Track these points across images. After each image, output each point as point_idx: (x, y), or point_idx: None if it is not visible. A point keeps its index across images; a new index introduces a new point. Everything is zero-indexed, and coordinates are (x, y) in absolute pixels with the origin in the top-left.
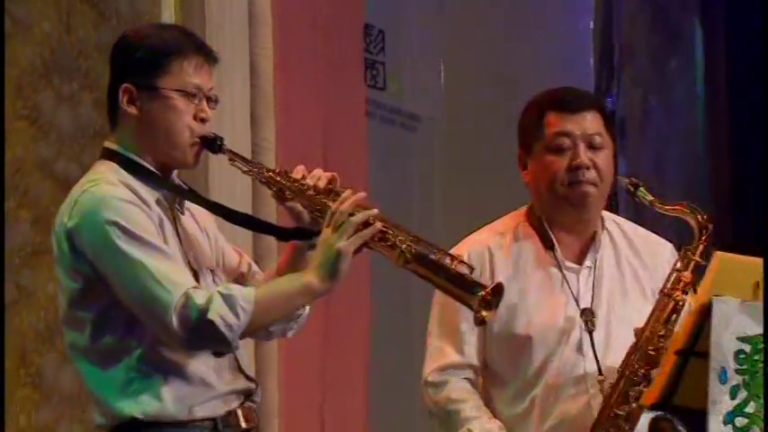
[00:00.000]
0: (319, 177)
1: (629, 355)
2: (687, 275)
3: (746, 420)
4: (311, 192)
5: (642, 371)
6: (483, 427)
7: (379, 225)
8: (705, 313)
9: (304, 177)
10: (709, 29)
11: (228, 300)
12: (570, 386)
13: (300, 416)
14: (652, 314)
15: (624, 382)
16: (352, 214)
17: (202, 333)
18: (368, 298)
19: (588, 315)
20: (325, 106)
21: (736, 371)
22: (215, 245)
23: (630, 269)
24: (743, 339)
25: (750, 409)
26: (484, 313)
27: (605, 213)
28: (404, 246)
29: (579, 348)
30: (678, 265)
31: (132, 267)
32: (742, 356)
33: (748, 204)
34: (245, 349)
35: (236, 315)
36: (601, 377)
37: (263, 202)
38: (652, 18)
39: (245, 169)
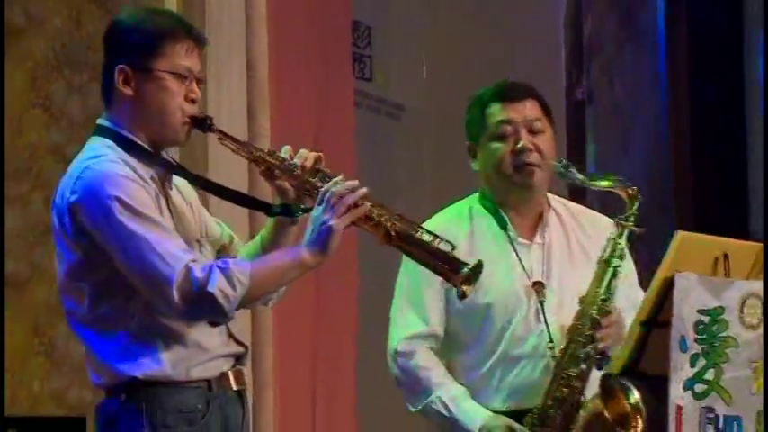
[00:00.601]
0: (306, 157)
1: (575, 319)
2: (622, 243)
3: (705, 386)
4: (298, 171)
5: (588, 333)
6: (449, 393)
7: (367, 205)
8: (667, 287)
9: (291, 157)
10: (670, 22)
11: (226, 273)
12: (527, 352)
13: (293, 383)
14: (593, 281)
15: (573, 344)
16: (342, 194)
17: (202, 305)
18: (356, 274)
19: (539, 287)
20: (317, 96)
21: (696, 340)
22: (199, 218)
23: (577, 242)
24: (702, 311)
25: (709, 376)
26: (465, 288)
27: (551, 195)
28: (389, 224)
29: (535, 317)
30: (614, 234)
31: (134, 241)
32: (701, 327)
33: (707, 180)
34: (242, 321)
35: (234, 287)
36: (551, 344)
37: (259, 185)
38: (618, 12)
39: (234, 148)
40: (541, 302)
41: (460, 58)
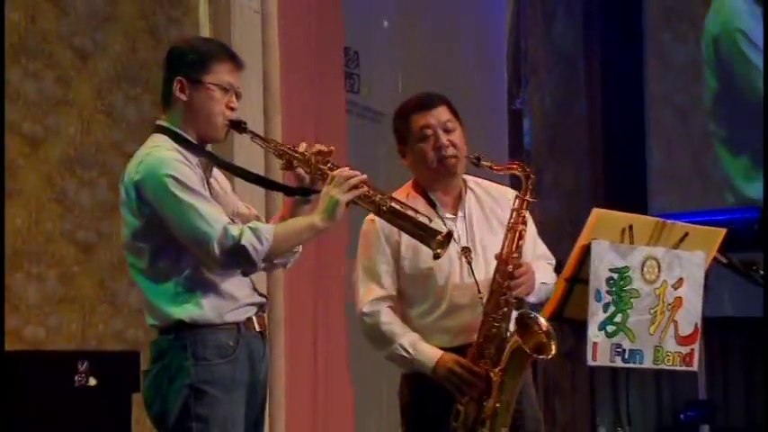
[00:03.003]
0: (318, 150)
1: (494, 273)
2: (523, 212)
3: (614, 327)
4: (313, 161)
5: (505, 283)
6: (409, 339)
7: (365, 187)
8: (586, 251)
9: (306, 150)
10: (588, 52)
11: (255, 231)
12: (464, 302)
13: (299, 324)
14: (504, 242)
15: (494, 294)
16: (347, 177)
17: (236, 256)
18: (345, 245)
19: (466, 251)
20: (317, 105)
21: (608, 292)
22: (231, 201)
23: (492, 212)
24: (612, 270)
25: (617, 319)
26: (439, 251)
27: (467, 176)
28: (381, 202)
29: (467, 274)
30: (516, 205)
31: (184, 208)
32: (611, 282)
33: (615, 171)
34: (259, 277)
35: (261, 242)
36: (480, 294)
37: (273, 173)
38: (549, 41)
39: (263, 145)
40: (469, 263)
41: (427, 74)
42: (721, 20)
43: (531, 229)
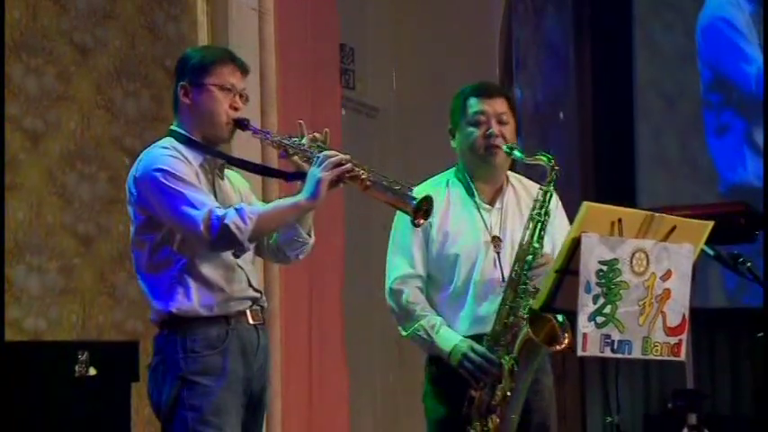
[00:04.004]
0: (314, 138)
1: (513, 263)
2: (545, 202)
3: (604, 319)
4: (304, 147)
5: (523, 273)
6: (429, 322)
7: (349, 165)
8: (576, 244)
9: (302, 137)
10: (578, 46)
11: (239, 211)
12: (489, 290)
13: (294, 316)
14: (525, 232)
15: (513, 283)
16: (330, 156)
17: (222, 236)
18: (342, 238)
19: (496, 241)
20: (313, 101)
21: (597, 284)
22: (247, 203)
23: (527, 207)
24: (602, 262)
25: (606, 310)
26: (422, 221)
27: (510, 173)
28: (364, 176)
29: (493, 263)
30: (539, 197)
31: (172, 196)
32: (601, 274)
33: (604, 165)
34: (257, 272)
35: (244, 221)
36: (503, 284)
37: (270, 164)
38: (539, 39)
39: (263, 138)
40: (498, 253)
41: (420, 72)
42: (709, 11)
43: (563, 224)
